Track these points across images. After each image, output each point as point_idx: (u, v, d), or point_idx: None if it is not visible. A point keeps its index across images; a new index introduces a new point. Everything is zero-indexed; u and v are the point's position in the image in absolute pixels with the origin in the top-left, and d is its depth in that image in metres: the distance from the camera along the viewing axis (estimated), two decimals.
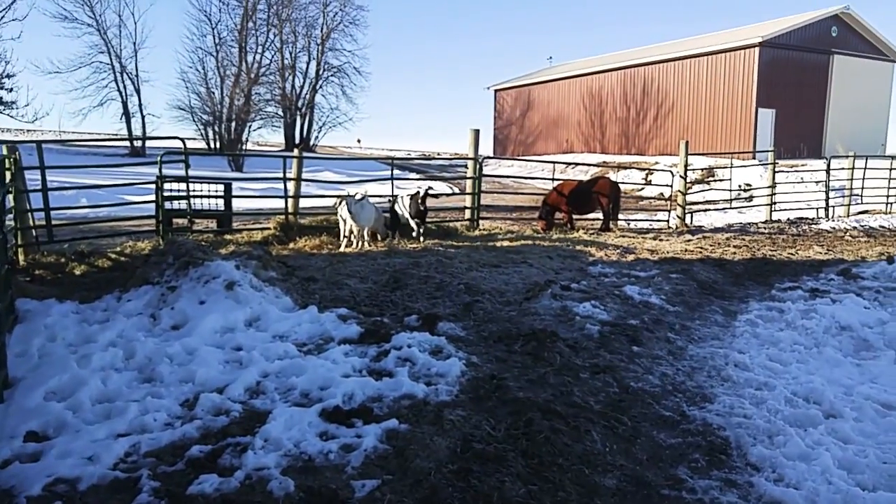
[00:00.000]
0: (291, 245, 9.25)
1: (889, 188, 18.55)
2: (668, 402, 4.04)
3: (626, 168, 25.73)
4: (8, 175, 6.76)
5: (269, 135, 43.50)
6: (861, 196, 18.14)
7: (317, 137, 44.49)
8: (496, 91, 45.89)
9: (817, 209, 16.80)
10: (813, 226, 14.24)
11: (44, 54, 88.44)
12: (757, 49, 28.28)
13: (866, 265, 8.54)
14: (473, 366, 4.49)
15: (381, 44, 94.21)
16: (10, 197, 7.07)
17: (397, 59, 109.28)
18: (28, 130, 34.86)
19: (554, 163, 17.39)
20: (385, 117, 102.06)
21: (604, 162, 29.82)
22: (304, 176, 11.07)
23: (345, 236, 9.15)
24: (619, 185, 14.55)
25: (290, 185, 10.63)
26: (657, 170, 25.29)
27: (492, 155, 43.78)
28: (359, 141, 54.75)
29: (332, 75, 43.25)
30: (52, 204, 8.35)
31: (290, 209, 10.41)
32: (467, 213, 12.20)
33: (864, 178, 17.93)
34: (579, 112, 38.47)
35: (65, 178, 14.68)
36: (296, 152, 10.93)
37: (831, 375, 4.52)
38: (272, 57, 40.57)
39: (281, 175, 10.54)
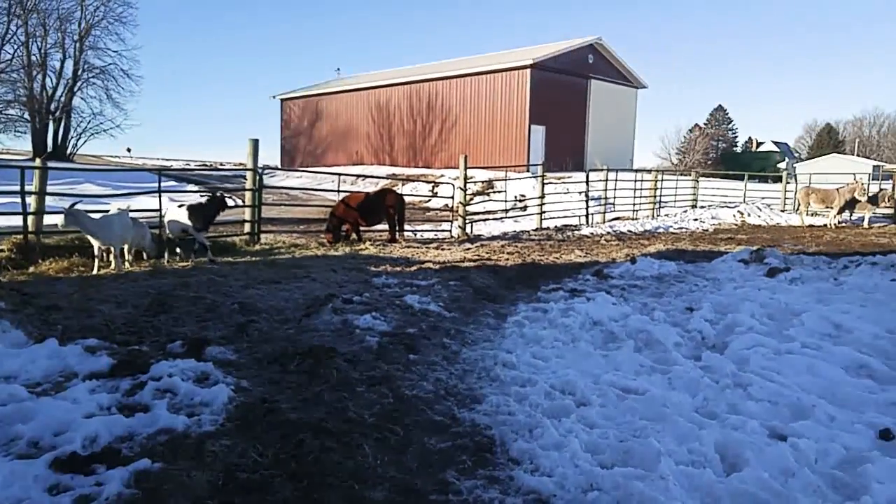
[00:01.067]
0: (32, 269, 8.00)
1: (635, 197, 21.43)
2: (441, 407, 4.20)
3: (413, 180, 26.68)
4: None
5: (10, 141, 37.86)
6: (614, 204, 20.70)
7: (75, 145, 39.70)
8: (283, 101, 44.97)
9: (579, 217, 18.83)
10: (575, 232, 15.90)
11: None
12: (529, 70, 31.05)
13: (615, 266, 9.71)
14: (243, 391, 4.24)
15: (159, 48, 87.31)
16: None
17: (178, 65, 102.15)
18: None
19: (342, 175, 17.44)
20: (162, 126, 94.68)
21: (393, 174, 30.59)
22: (55, 189, 9.72)
23: (96, 256, 8.18)
24: (406, 196, 15.05)
25: (32, 200, 9.16)
26: (443, 182, 26.54)
27: (279, 166, 42.65)
28: (129, 150, 49.88)
29: (93, 77, 38.82)
30: None
31: (31, 227, 8.92)
32: (247, 227, 11.70)
33: (615, 189, 20.49)
34: (368, 124, 39.09)
35: None
36: (38, 162, 9.45)
37: (584, 367, 5.02)
38: (15, 52, 35.46)
39: (18, 188, 8.83)
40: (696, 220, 19.62)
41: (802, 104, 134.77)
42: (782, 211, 22.26)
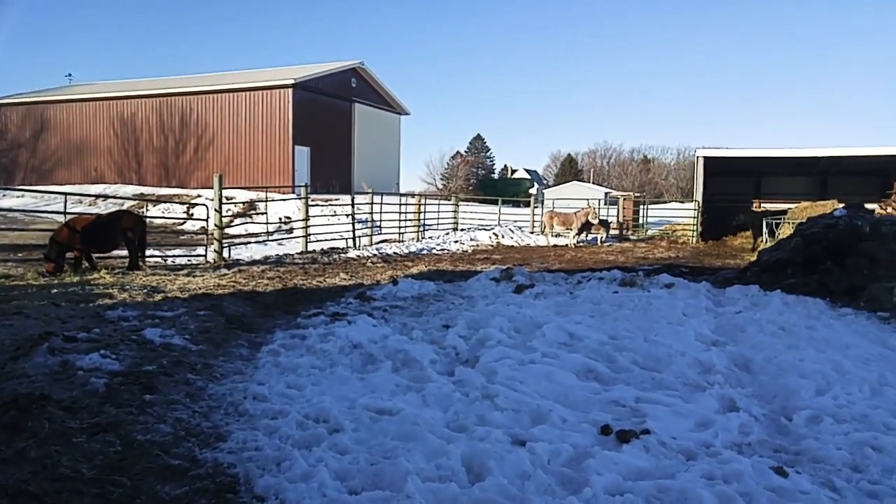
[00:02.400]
0: None
1: (400, 220, 22.13)
2: (180, 450, 3.79)
3: (166, 201, 24.64)
4: None
5: None
6: (381, 227, 21.15)
7: None
8: None
9: (346, 239, 18.88)
10: (342, 255, 15.86)
11: None
12: (291, 90, 30.59)
13: (378, 288, 9.83)
14: None
15: None
16: None
17: None
18: None
19: (77, 194, 15.45)
20: None
21: (141, 194, 28.02)
22: None
23: None
24: (157, 219, 13.77)
25: None
26: (199, 203, 24.90)
27: None
28: None
29: None
30: None
31: None
32: None
33: (381, 212, 20.96)
34: (110, 139, 35.26)
35: None
36: None
37: (340, 392, 4.92)
38: None
39: None
40: (456, 241, 20.83)
41: (549, 135, 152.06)
42: (531, 233, 24.60)
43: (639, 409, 4.58)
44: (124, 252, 11.47)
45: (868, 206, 15.66)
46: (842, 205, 12.48)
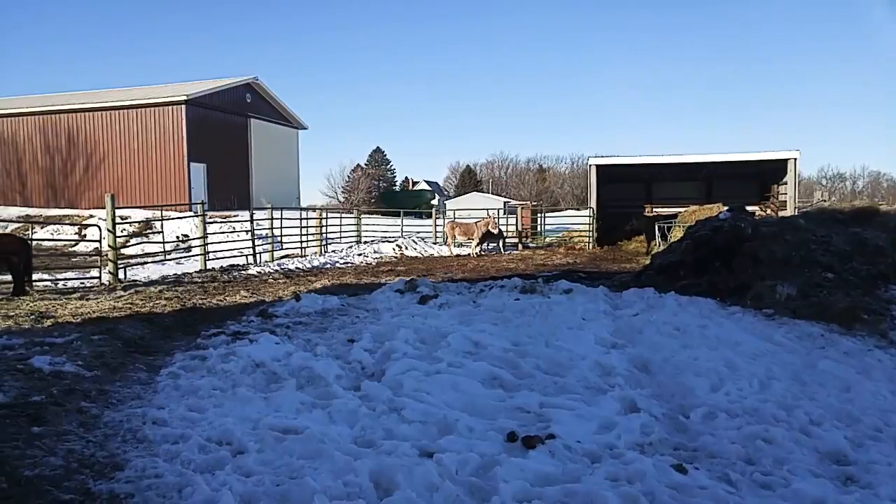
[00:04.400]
0: None
1: (302, 235, 21.79)
2: (72, 483, 3.61)
3: (55, 223, 23.11)
4: None
5: None
6: (282, 242, 20.73)
7: None
8: None
9: (247, 256, 18.38)
10: (243, 272, 15.44)
11: None
12: (184, 106, 29.59)
13: (281, 304, 9.66)
14: None
15: None
16: None
17: None
18: None
19: None
20: None
21: (26, 216, 26.20)
22: None
23: None
24: (47, 241, 12.92)
25: None
26: (92, 224, 23.55)
27: None
28: None
29: None
30: None
31: None
32: None
33: (282, 227, 20.57)
34: None
35: None
36: None
37: (243, 413, 4.81)
38: None
39: None
40: (360, 254, 20.77)
41: (448, 147, 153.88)
42: (434, 243, 24.87)
43: (543, 414, 4.70)
44: (7, 277, 10.70)
45: (749, 208, 16.79)
46: (726, 208, 13.41)
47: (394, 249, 22.19)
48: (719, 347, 6.41)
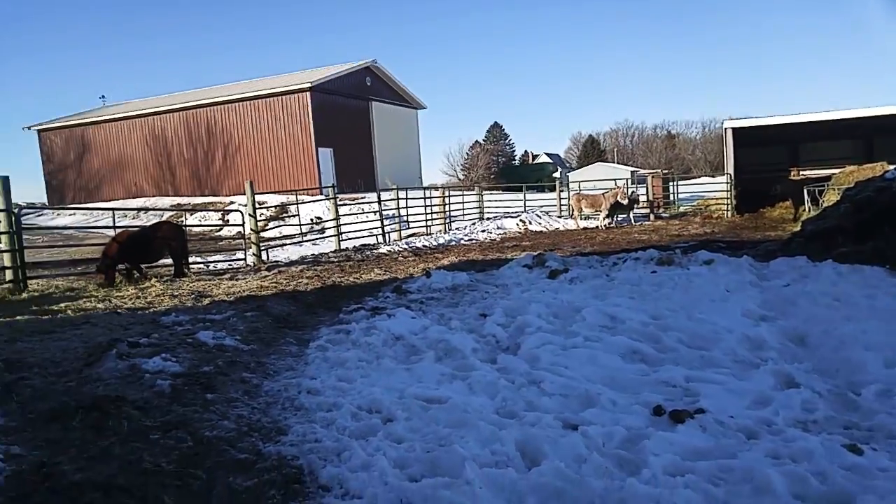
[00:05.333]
0: None
1: (426, 214, 22.25)
2: (244, 444, 3.97)
3: (201, 210, 25.13)
4: None
5: None
6: (408, 222, 21.30)
7: None
8: (41, 132, 39.81)
9: (377, 236, 19.07)
10: (374, 251, 16.06)
11: None
12: (309, 93, 30.89)
13: (413, 281, 9.96)
14: (15, 458, 3.68)
15: None
16: None
17: None
18: None
19: (118, 209, 15.91)
20: None
21: (178, 204, 28.61)
22: None
23: None
24: (195, 227, 14.12)
25: None
26: (233, 210, 25.39)
27: (45, 203, 37.79)
28: None
29: None
30: None
31: None
32: (8, 275, 10.20)
33: (408, 207, 21.11)
34: (146, 154, 36.16)
35: None
36: None
37: (389, 383, 5.06)
38: None
39: None
40: (484, 231, 20.89)
41: (568, 117, 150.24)
42: (559, 217, 24.48)
43: (690, 389, 4.54)
44: (170, 261, 11.81)
45: None
46: (892, 167, 11.95)
47: (517, 225, 22.10)
48: (893, 321, 5.75)
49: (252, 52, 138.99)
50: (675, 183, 27.93)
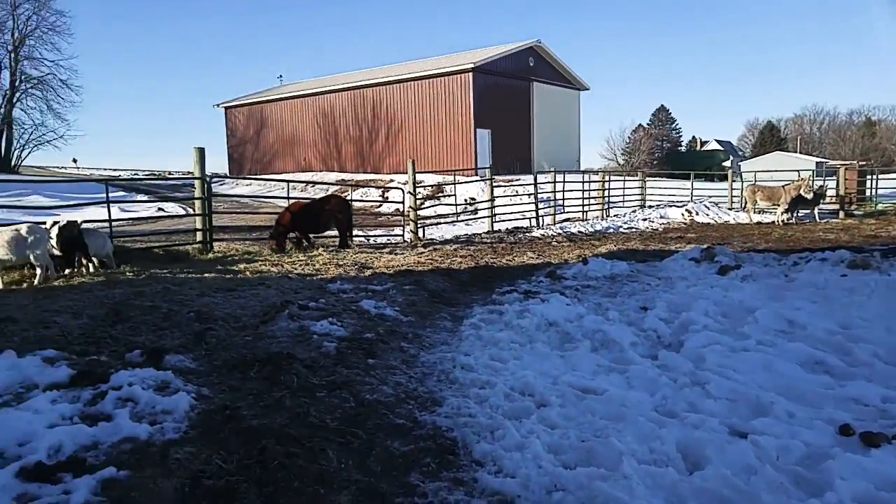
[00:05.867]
0: None
1: (583, 199, 21.73)
2: (402, 410, 4.15)
3: (363, 186, 26.45)
4: None
5: None
6: (563, 206, 20.95)
7: (20, 157, 38.43)
8: (227, 109, 43.99)
9: (530, 219, 18.98)
10: (527, 234, 16.01)
11: None
12: (471, 74, 31.17)
13: (568, 267, 9.79)
14: (204, 398, 4.16)
15: (98, 55, 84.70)
16: None
17: (119, 73, 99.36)
18: None
19: (290, 181, 17.19)
20: (107, 135, 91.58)
21: (342, 180, 30.33)
22: (4, 202, 9.36)
23: None
24: (357, 202, 14.91)
25: None
26: (392, 187, 26.44)
27: (227, 174, 41.79)
28: (74, 161, 48.28)
29: (31, 87, 37.71)
30: None
31: None
32: (199, 236, 11.42)
33: (564, 191, 20.75)
34: (314, 131, 38.65)
35: None
36: None
37: (541, 368, 5.03)
38: None
39: None
40: (645, 219, 20.01)
41: (743, 103, 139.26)
42: (730, 209, 22.68)
43: (888, 410, 4.03)
44: (335, 232, 12.58)
45: None
46: None
47: (682, 215, 20.90)
48: None
49: (420, 33, 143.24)
50: (873, 177, 24.76)
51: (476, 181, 24.24)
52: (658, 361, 5.13)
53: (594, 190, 22.56)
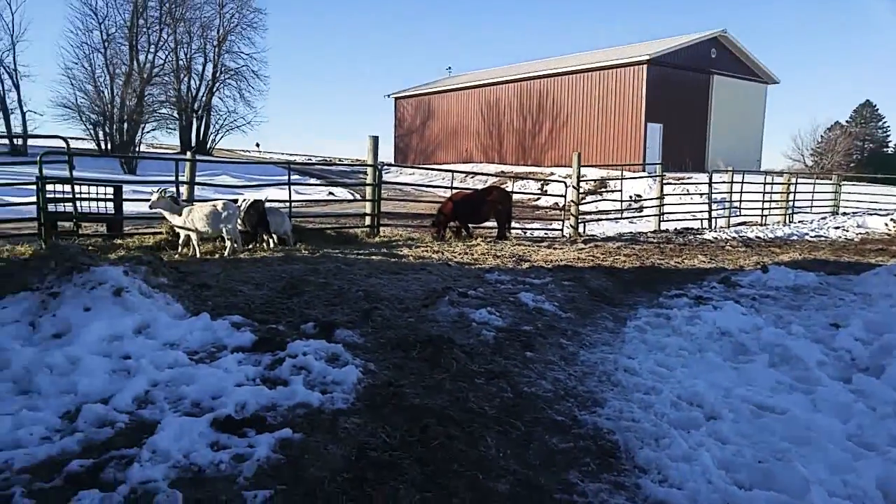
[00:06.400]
0: (184, 250, 8.79)
1: (763, 201, 20.02)
2: (561, 407, 4.07)
3: (522, 178, 26.40)
4: None
5: (164, 137, 41.81)
6: (740, 208, 19.49)
7: (213, 140, 43.21)
8: (396, 99, 45.92)
9: (701, 220, 17.88)
10: (697, 236, 15.09)
11: None
12: (645, 66, 29.85)
13: (744, 274, 9.09)
14: (370, 373, 4.39)
15: (280, 47, 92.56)
16: None
17: (297, 63, 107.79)
18: None
19: (453, 171, 17.60)
20: (284, 121, 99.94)
21: (502, 172, 30.48)
22: (200, 179, 10.64)
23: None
24: (515, 195, 14.94)
25: (184, 189, 10.15)
26: (553, 180, 26.11)
27: (392, 162, 43.78)
28: (257, 145, 53.45)
29: (228, 78, 42.24)
30: None
31: None
32: (367, 220, 12.10)
33: (741, 192, 19.28)
34: (478, 122, 39.15)
35: None
36: (188, 155, 10.48)
37: (712, 379, 4.70)
38: (166, 57, 38.92)
39: (174, 178, 10.03)
40: (837, 227, 17.97)
41: None
42: None
43: None
44: (492, 223, 12.70)
45: None
46: None
47: (886, 224, 18.45)
48: None
49: (590, 23, 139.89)
50: None
51: (643, 177, 23.25)
52: (852, 385, 4.58)
53: (777, 192, 20.70)
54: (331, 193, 22.66)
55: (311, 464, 3.08)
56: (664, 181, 17.69)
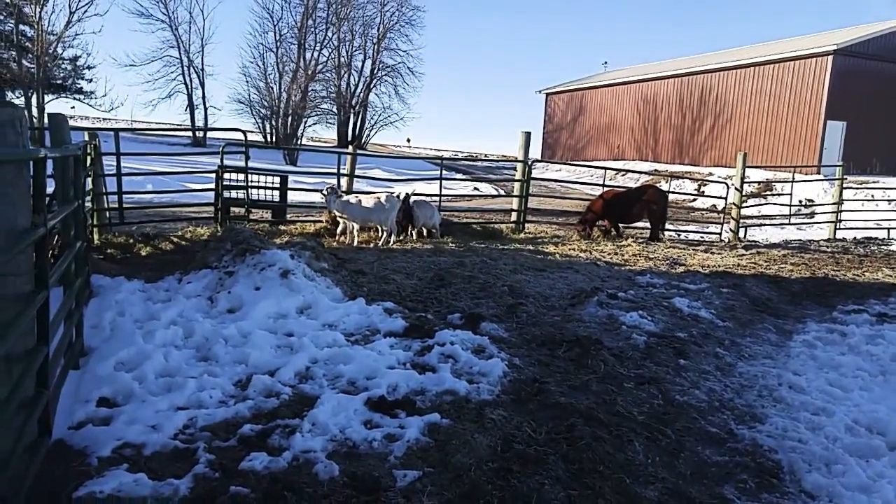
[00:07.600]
0: (342, 238, 9.35)
1: None
2: (715, 419, 3.85)
3: (678, 178, 25.07)
4: (88, 160, 6.95)
5: (322, 131, 44.75)
6: None
7: (368, 135, 45.37)
8: (548, 95, 45.45)
9: (888, 229, 15.96)
10: (883, 247, 13.49)
11: (121, 48, 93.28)
12: (830, 57, 26.91)
13: None
14: (515, 367, 4.42)
15: (434, 44, 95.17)
16: (89, 180, 7.26)
17: (450, 60, 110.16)
18: (103, 119, 36.50)
19: (604, 168, 17.11)
20: (433, 117, 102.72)
21: (655, 170, 29.22)
22: (355, 173, 11.24)
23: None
24: (670, 195, 14.19)
25: (343, 181, 10.79)
26: (711, 181, 24.54)
27: (539, 158, 43.47)
28: (408, 140, 55.35)
29: (385, 75, 44.18)
30: (124, 188, 8.94)
31: None
32: (513, 216, 12.09)
33: None
34: (632, 118, 37.68)
35: (135, 164, 15.35)
36: (350, 149, 11.12)
37: None
38: (329, 55, 41.59)
39: (335, 171, 10.70)
40: None
41: None
42: None
43: None
44: (643, 223, 12.18)
45: None
46: None
47: None
48: None
49: (758, 16, 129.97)
50: None
51: (818, 180, 21.19)
52: None
53: None
54: (476, 189, 22.97)
55: (458, 450, 3.16)
56: (844, 185, 16.01)
